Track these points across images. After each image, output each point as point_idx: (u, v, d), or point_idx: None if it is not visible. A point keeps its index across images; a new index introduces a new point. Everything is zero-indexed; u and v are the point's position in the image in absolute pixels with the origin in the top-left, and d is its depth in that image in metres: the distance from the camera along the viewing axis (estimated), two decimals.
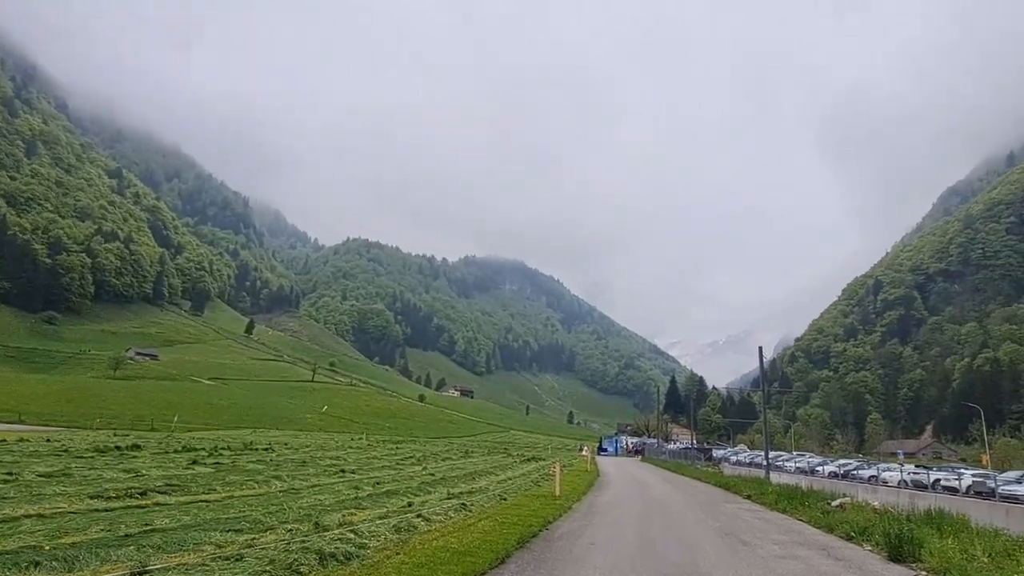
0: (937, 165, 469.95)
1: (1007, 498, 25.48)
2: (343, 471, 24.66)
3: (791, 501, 19.15)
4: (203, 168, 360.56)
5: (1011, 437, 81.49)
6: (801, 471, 44.47)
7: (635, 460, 70.34)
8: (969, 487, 29.15)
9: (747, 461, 54.74)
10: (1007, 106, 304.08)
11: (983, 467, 49.63)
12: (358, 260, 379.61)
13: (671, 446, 77.70)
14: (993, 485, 26.71)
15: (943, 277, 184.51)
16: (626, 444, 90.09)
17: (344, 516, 12.76)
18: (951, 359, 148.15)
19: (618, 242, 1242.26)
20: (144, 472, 19.31)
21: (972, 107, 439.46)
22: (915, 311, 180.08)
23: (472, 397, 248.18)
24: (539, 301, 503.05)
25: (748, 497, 22.96)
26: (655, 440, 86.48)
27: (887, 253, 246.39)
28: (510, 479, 25.82)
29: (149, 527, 10.81)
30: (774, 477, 34.38)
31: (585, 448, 60.37)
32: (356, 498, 16.31)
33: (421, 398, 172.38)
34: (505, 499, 17.80)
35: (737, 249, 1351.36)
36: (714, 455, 63.43)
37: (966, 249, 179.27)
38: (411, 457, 38.16)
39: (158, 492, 15.06)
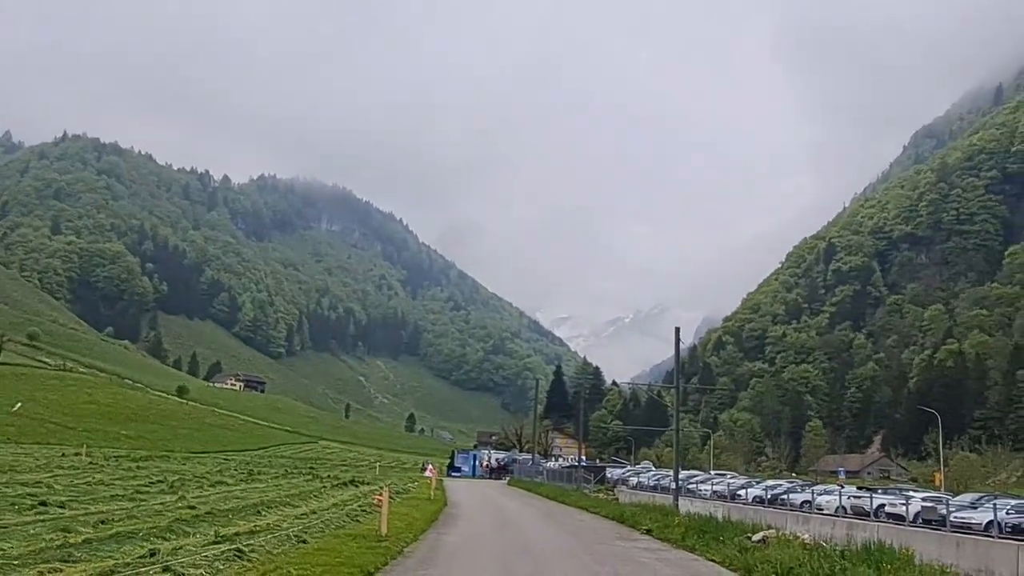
0: (918, 93, 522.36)
1: (959, 527, 29.52)
2: (45, 504, 23.53)
3: (702, 536, 20.84)
4: None
5: (970, 451, 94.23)
6: (720, 496, 48.40)
7: (500, 483, 72.76)
8: (917, 514, 33.42)
9: (651, 484, 58.49)
10: (1007, 19, 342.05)
11: (936, 488, 57.12)
12: (82, 171, 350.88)
13: (551, 464, 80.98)
14: (944, 512, 30.76)
15: (908, 244, 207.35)
16: (488, 460, 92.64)
17: None
18: (910, 350, 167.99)
19: (490, 170, 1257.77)
20: None
21: (965, 20, 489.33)
22: (872, 287, 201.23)
23: (263, 391, 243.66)
24: (371, 251, 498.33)
25: (648, 532, 24.71)
26: (529, 456, 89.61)
27: (844, 208, 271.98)
28: (316, 512, 25.79)
29: None
30: (685, 505, 37.22)
31: (430, 467, 61.55)
32: (64, 546, 15.53)
33: (181, 391, 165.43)
34: (306, 542, 17.74)
35: (655, 191, 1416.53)
36: (608, 476, 67.25)
37: (938, 209, 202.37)
38: (161, 481, 37.40)
39: None
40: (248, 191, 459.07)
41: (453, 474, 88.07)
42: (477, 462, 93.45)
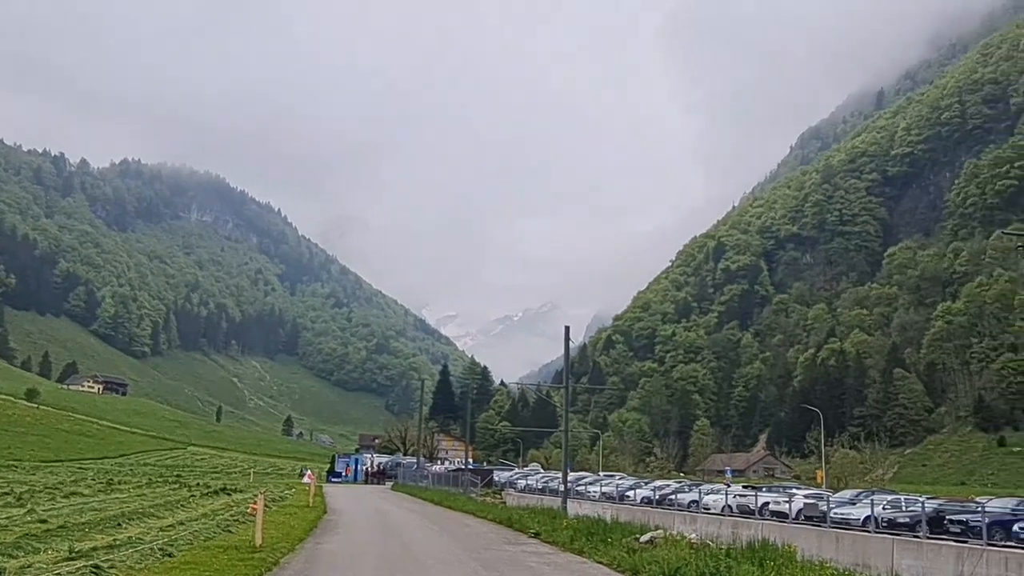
0: (805, 95, 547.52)
1: (839, 523, 31.33)
2: None
3: (591, 538, 21.37)
4: None
5: (850, 448, 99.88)
6: (609, 497, 49.82)
7: (383, 488, 72.57)
8: (800, 511, 35.26)
9: (539, 486, 59.62)
10: (887, 25, 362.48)
11: (818, 485, 60.37)
12: None
13: (436, 467, 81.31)
14: (825, 508, 32.58)
15: (794, 244, 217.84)
16: (371, 465, 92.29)
17: None
18: (795, 349, 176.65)
19: (375, 161, 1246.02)
20: None
21: (851, 27, 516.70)
22: (760, 286, 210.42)
23: (125, 393, 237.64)
24: (247, 243, 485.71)
25: (537, 536, 25.19)
26: (414, 459, 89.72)
27: (734, 206, 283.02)
28: (184, 523, 25.06)
29: None
30: (574, 507, 37.94)
31: (309, 472, 60.91)
32: None
33: (31, 395, 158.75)
34: (172, 555, 17.32)
35: (548, 185, 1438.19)
36: (496, 479, 68.12)
37: (822, 210, 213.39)
38: (7, 493, 36.33)
39: None
40: (109, 177, 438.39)
41: (333, 480, 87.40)
42: (359, 467, 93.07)
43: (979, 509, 27.82)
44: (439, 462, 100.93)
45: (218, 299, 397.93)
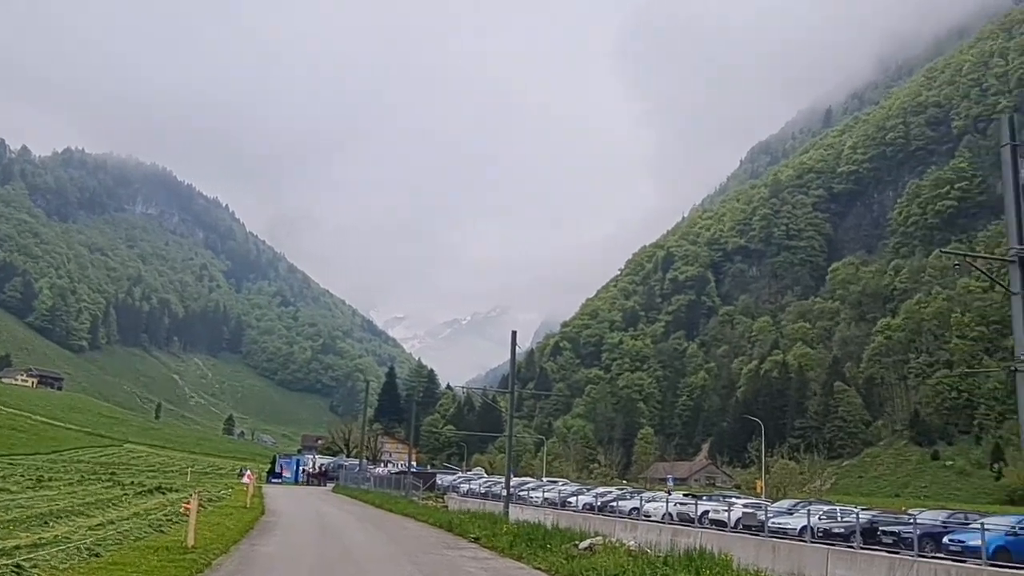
0: (756, 109, 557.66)
1: (776, 532, 31.83)
2: None
3: (530, 544, 21.35)
4: None
5: (790, 459, 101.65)
6: (551, 503, 50.02)
7: (324, 490, 71.88)
8: (739, 520, 35.74)
9: (482, 491, 59.65)
10: (836, 45, 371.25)
11: (758, 495, 61.30)
12: None
13: (379, 470, 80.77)
14: (763, 518, 33.10)
15: (741, 256, 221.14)
16: (312, 466, 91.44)
17: None
18: (739, 360, 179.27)
19: (325, 158, 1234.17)
20: None
21: (800, 43, 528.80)
22: (707, 297, 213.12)
23: (60, 388, 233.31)
24: (192, 238, 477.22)
25: (476, 540, 25.11)
26: (357, 461, 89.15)
27: (684, 217, 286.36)
28: (114, 522, 24.46)
29: None
30: (516, 512, 37.98)
31: (248, 473, 60.03)
32: None
33: None
34: (99, 555, 16.87)
35: (500, 188, 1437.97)
36: (439, 483, 67.91)
37: (770, 223, 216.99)
38: None
39: None
40: (51, 165, 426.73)
41: (274, 480, 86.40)
42: (300, 468, 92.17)
43: (911, 521, 28.50)
44: (382, 465, 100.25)
45: (161, 294, 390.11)
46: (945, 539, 26.69)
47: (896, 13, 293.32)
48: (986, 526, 25.22)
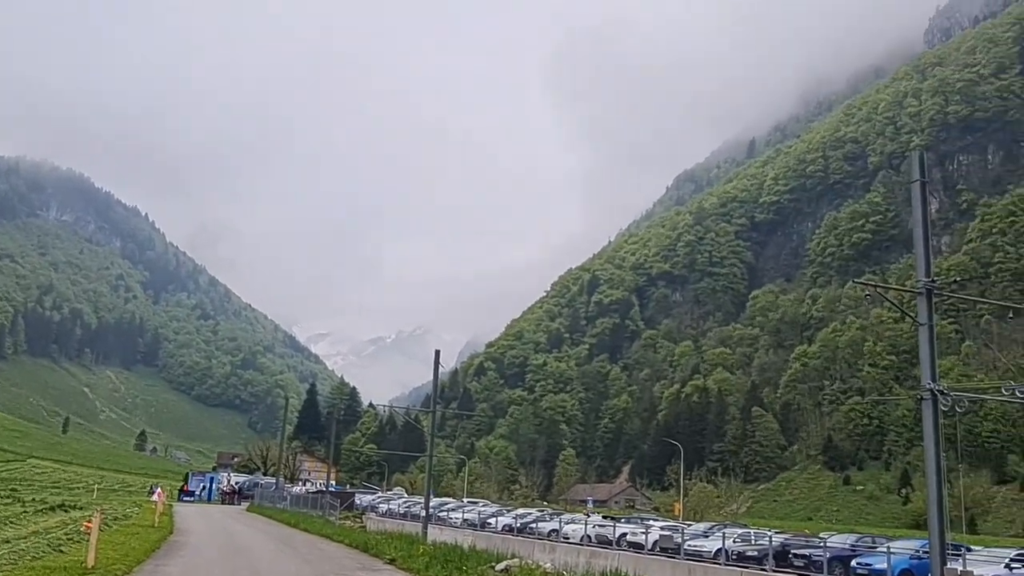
0: (682, 136, 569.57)
1: (692, 555, 32.24)
2: None
3: (446, 566, 21.14)
4: None
5: (708, 482, 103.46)
6: (471, 524, 49.78)
7: (238, 509, 70.13)
8: (656, 542, 36.11)
9: (402, 511, 59.05)
10: (760, 80, 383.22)
11: (676, 517, 62.07)
12: None
13: (297, 488, 79.29)
14: (679, 540, 33.50)
15: (665, 281, 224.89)
16: (226, 484, 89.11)
17: None
18: (661, 384, 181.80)
19: (248, 169, 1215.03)
20: None
21: (729, 75, 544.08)
22: (631, 321, 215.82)
23: None
24: (109, 247, 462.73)
25: (392, 562, 24.77)
26: (274, 480, 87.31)
27: (610, 241, 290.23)
28: (10, 541, 23.42)
29: None
30: (435, 533, 37.63)
31: (159, 490, 58.41)
32: None
33: None
34: None
35: (428, 207, 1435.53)
36: (358, 502, 66.97)
37: (693, 250, 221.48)
38: None
39: None
40: None
41: (186, 499, 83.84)
42: (214, 485, 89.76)
43: (821, 544, 29.20)
44: (301, 483, 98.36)
45: (73, 304, 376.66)
46: (853, 563, 27.43)
47: (818, 52, 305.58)
48: (892, 550, 26.00)
